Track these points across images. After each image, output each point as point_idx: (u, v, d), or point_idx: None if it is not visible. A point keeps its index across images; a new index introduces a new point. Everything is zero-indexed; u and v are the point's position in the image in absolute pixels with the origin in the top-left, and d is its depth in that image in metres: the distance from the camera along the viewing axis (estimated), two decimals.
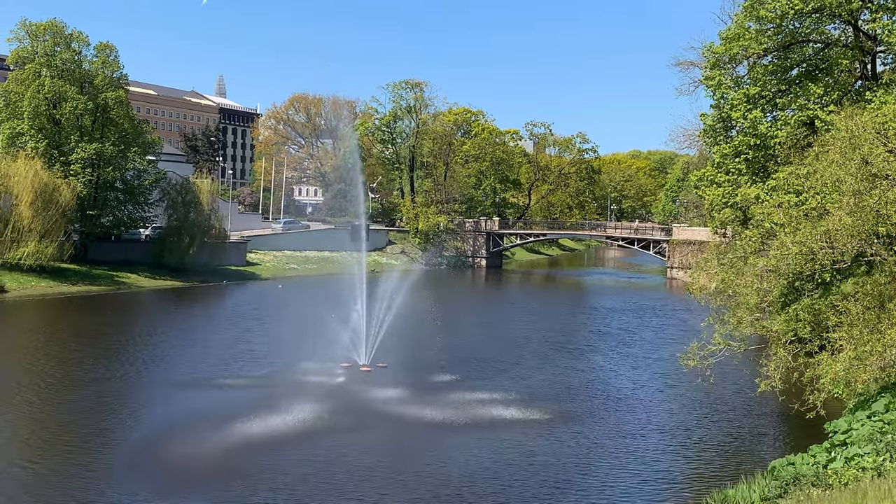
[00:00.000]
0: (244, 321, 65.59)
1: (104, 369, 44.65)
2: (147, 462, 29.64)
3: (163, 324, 65.40)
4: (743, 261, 36.28)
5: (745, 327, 33.68)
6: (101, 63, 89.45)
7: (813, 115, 42.73)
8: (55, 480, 27.23)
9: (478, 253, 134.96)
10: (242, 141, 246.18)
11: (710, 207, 50.38)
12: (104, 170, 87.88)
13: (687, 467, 31.45)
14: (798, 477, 23.47)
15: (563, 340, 59.68)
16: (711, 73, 48.07)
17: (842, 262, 32.77)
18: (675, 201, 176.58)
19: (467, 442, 32.83)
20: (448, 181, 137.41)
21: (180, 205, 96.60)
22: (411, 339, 54.86)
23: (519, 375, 46.08)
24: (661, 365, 49.98)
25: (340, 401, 39.08)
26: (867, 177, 29.45)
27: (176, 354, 50.64)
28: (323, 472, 28.76)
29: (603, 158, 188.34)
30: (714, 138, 50.26)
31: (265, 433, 33.13)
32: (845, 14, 43.59)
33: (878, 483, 19.85)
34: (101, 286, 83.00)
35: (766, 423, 37.49)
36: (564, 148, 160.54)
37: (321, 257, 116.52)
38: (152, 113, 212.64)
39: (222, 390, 41.18)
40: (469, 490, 27.46)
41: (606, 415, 38.06)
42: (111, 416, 35.92)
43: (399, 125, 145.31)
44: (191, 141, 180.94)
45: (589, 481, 28.86)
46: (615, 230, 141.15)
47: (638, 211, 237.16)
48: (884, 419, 26.97)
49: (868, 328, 28.39)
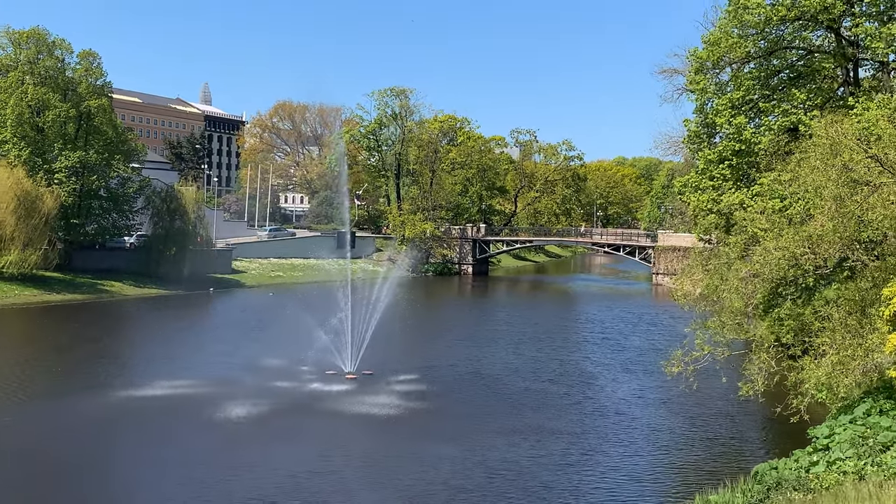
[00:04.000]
0: (229, 329, 65.36)
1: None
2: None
3: (145, 333, 65.11)
4: (727, 267, 36.43)
5: (729, 332, 33.78)
6: (84, 70, 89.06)
7: (797, 120, 42.96)
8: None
9: (464, 260, 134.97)
10: (228, 148, 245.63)
11: (695, 214, 50.53)
12: (88, 178, 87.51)
13: (670, 472, 31.49)
14: (781, 481, 23.55)
15: (549, 347, 59.65)
16: (696, 78, 48.25)
17: (824, 268, 32.93)
18: (661, 208, 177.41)
19: (453, 450, 32.74)
20: (434, 188, 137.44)
21: (165, 213, 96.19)
22: (397, 346, 54.88)
23: (503, 383, 46.05)
24: (645, 371, 50.03)
25: (325, 409, 39.06)
26: (848, 183, 29.61)
27: (150, 366, 50.20)
28: (306, 485, 28.68)
29: (588, 165, 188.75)
30: (698, 144, 50.44)
31: (240, 440, 33.03)
32: (828, 21, 43.87)
33: (860, 487, 19.92)
34: (86, 295, 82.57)
35: (749, 427, 37.59)
36: (550, 155, 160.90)
37: (307, 265, 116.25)
38: (137, 120, 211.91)
39: (189, 400, 40.92)
40: (449, 490, 27.46)
41: (591, 421, 38.06)
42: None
43: (385, 132, 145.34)
44: (176, 148, 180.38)
45: (573, 488, 28.84)
46: (601, 237, 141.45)
47: (624, 217, 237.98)
48: (866, 424, 27.08)
49: (850, 333, 28.52)
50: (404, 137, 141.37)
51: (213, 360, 51.24)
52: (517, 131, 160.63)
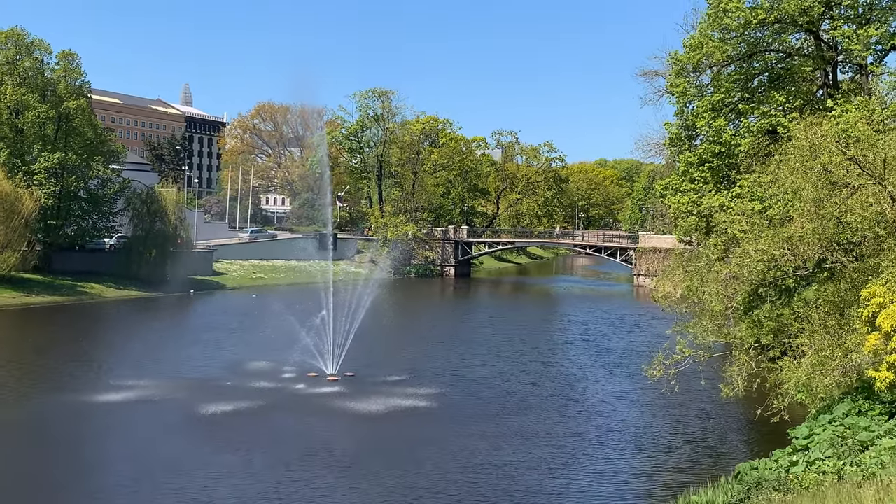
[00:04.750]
0: (210, 332, 65.04)
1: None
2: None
3: (125, 336, 64.71)
4: (707, 268, 36.60)
5: (710, 335, 33.95)
6: (63, 71, 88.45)
7: (776, 122, 43.22)
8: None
9: (446, 261, 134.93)
10: (209, 150, 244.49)
11: (675, 216, 50.71)
12: (68, 179, 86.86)
13: (652, 473, 31.62)
14: (761, 481, 23.69)
15: (531, 349, 59.73)
16: (676, 81, 48.43)
17: (804, 269, 33.15)
18: (642, 209, 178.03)
19: (435, 453, 32.76)
20: (416, 190, 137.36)
21: (145, 214, 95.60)
22: (379, 348, 54.86)
23: (486, 385, 46.08)
24: (628, 373, 50.18)
25: (306, 411, 38.98)
26: (827, 185, 29.82)
27: (128, 369, 49.85)
28: (286, 488, 28.59)
29: (570, 167, 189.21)
30: (679, 147, 50.63)
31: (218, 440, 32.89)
32: (807, 24, 44.19)
33: (839, 487, 20.06)
34: (65, 296, 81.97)
35: (730, 428, 37.79)
36: (532, 156, 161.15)
37: (288, 266, 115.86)
38: (117, 121, 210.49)
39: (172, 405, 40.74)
40: (433, 493, 27.46)
41: (573, 424, 38.13)
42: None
43: (366, 134, 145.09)
44: (156, 150, 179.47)
45: (556, 489, 28.91)
46: (583, 238, 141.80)
47: (605, 219, 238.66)
48: (844, 424, 27.28)
49: (829, 334, 28.73)
50: (386, 139, 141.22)
51: (193, 362, 51.02)
52: (499, 133, 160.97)
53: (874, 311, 23.79)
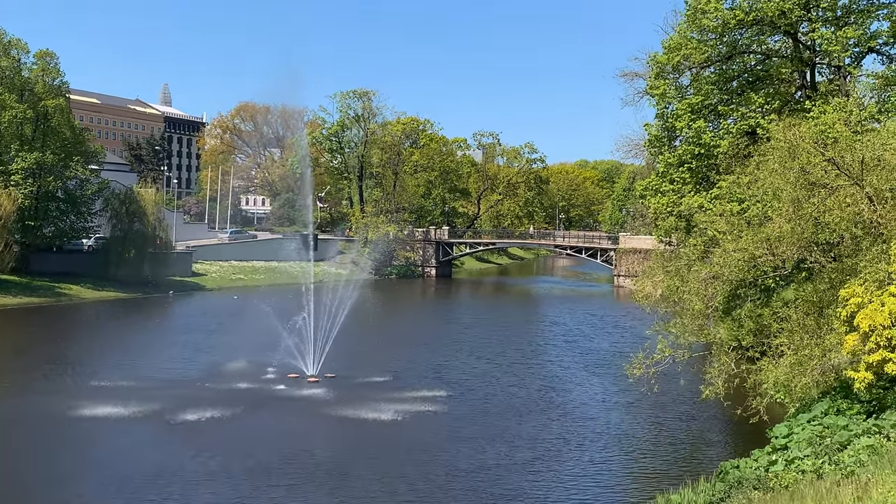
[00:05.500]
0: (190, 333, 64.70)
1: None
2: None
3: (103, 337, 64.24)
4: (687, 268, 36.74)
5: (690, 335, 34.07)
6: (41, 71, 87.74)
7: (755, 123, 43.49)
8: None
9: (427, 262, 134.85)
10: (188, 150, 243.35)
11: (655, 216, 50.96)
12: (45, 179, 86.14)
13: (632, 473, 31.71)
14: (741, 480, 23.79)
15: (512, 350, 59.73)
16: (656, 83, 48.69)
17: (783, 269, 33.37)
18: (622, 210, 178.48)
19: (417, 455, 32.71)
20: (397, 190, 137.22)
21: (124, 215, 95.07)
22: (359, 349, 54.71)
23: (467, 386, 46.03)
24: (608, 374, 50.27)
25: (286, 412, 38.83)
26: (806, 185, 30.01)
27: (105, 370, 49.56)
28: (265, 491, 28.46)
29: (551, 168, 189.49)
30: (658, 148, 50.92)
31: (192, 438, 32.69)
32: (785, 25, 44.50)
33: (818, 485, 20.17)
34: (43, 298, 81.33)
35: (710, 428, 37.94)
36: (513, 158, 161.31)
37: (268, 267, 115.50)
38: (95, 122, 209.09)
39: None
40: (415, 495, 27.41)
41: (554, 425, 38.13)
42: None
43: (347, 134, 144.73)
44: (135, 150, 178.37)
45: (538, 492, 28.92)
46: (563, 239, 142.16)
47: (585, 220, 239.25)
48: (823, 423, 27.44)
49: (808, 334, 28.90)
50: (367, 139, 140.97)
51: (172, 364, 50.75)
52: (480, 134, 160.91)
53: (852, 310, 23.94)
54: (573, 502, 27.88)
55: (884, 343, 22.62)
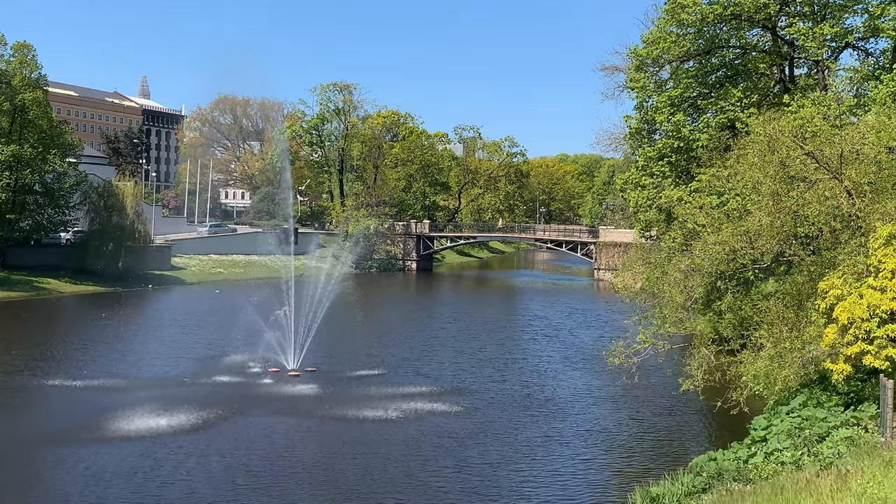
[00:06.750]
0: (169, 327, 64.36)
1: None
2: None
3: (81, 331, 63.72)
4: (667, 260, 36.89)
5: (670, 326, 34.23)
6: (18, 63, 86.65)
7: (734, 117, 43.67)
8: None
9: (408, 256, 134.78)
10: (167, 143, 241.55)
11: (635, 209, 51.12)
12: (22, 172, 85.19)
13: (612, 465, 31.80)
14: (720, 472, 23.91)
15: (492, 344, 59.84)
16: (636, 75, 48.81)
17: (762, 262, 33.53)
18: (602, 204, 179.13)
19: (398, 450, 32.68)
20: (378, 184, 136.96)
21: (102, 208, 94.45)
22: (340, 343, 54.64)
23: (447, 380, 46.06)
24: (588, 367, 50.44)
25: (267, 406, 38.71)
26: (785, 179, 30.18)
27: (83, 365, 49.29)
28: (243, 485, 28.34)
29: (531, 162, 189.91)
30: (639, 141, 51.07)
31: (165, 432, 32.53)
32: (763, 20, 44.69)
33: (796, 476, 20.30)
34: (20, 292, 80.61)
35: (689, 420, 38.11)
36: (493, 151, 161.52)
37: (248, 261, 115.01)
38: (73, 114, 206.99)
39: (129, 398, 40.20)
40: (397, 492, 27.40)
41: (533, 416, 38.24)
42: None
43: (327, 128, 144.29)
44: (113, 143, 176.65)
45: (515, 481, 28.99)
46: (544, 233, 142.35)
47: (566, 214, 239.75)
48: (802, 415, 27.61)
49: (787, 326, 29.07)
50: (347, 133, 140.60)
51: (151, 358, 50.45)
52: (461, 128, 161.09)
53: (831, 303, 24.09)
54: (554, 497, 27.92)
55: (862, 335, 22.78)
